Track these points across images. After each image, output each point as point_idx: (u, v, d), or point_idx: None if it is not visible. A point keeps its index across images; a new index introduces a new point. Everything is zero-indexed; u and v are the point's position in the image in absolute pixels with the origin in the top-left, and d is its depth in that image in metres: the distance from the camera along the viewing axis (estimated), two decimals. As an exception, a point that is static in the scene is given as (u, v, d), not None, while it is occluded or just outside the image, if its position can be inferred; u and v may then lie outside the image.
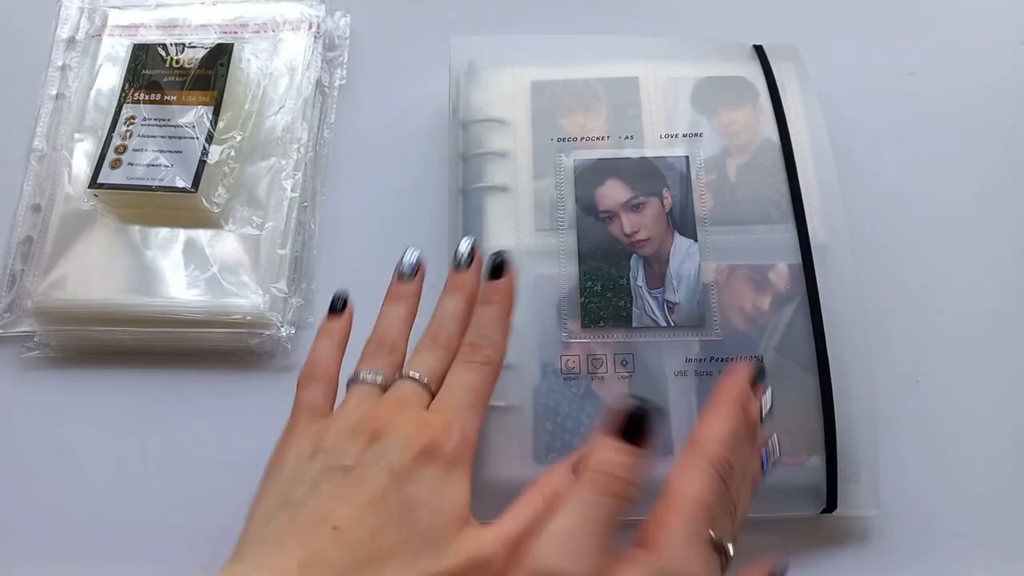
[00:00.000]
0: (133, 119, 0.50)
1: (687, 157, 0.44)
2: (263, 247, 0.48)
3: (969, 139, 0.51)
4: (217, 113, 0.49)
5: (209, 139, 0.49)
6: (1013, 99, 0.52)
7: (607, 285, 0.42)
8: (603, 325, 0.41)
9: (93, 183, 0.47)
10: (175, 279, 0.46)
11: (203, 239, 0.48)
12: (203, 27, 0.54)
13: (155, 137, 0.49)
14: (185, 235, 0.48)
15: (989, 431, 0.43)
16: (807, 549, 0.40)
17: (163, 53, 0.52)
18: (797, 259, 0.42)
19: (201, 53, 0.52)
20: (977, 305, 0.46)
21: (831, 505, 0.39)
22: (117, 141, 0.49)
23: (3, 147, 0.52)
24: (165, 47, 0.52)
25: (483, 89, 0.47)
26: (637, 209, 0.43)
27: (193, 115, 0.49)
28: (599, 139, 0.45)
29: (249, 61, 0.52)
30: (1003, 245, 0.48)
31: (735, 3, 0.57)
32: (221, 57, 0.51)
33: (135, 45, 0.53)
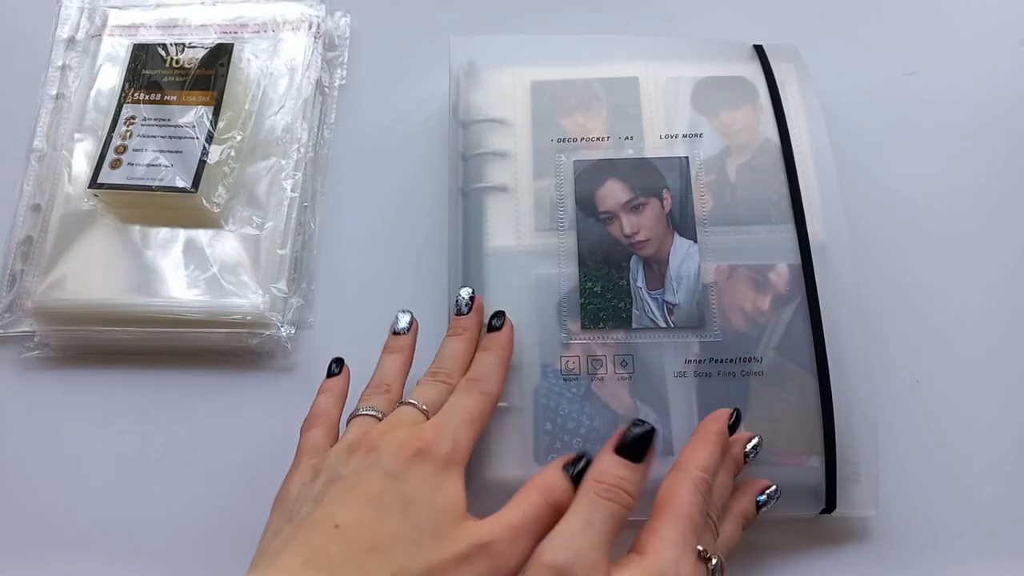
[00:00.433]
0: (133, 119, 0.50)
1: (687, 157, 0.44)
2: (263, 247, 0.48)
3: (969, 139, 0.51)
4: (217, 113, 0.49)
5: (209, 139, 0.49)
6: (1013, 100, 0.52)
7: (607, 286, 0.42)
8: (603, 326, 0.41)
9: (93, 183, 0.47)
10: (175, 279, 0.46)
11: (203, 239, 0.48)
12: (203, 27, 0.54)
13: (155, 137, 0.49)
14: (185, 235, 0.48)
15: (989, 431, 0.43)
16: (807, 549, 0.40)
17: (163, 53, 0.52)
18: (797, 259, 0.42)
19: (201, 53, 0.52)
20: (977, 305, 0.46)
21: (831, 505, 0.39)
22: (117, 141, 0.49)
23: (3, 147, 0.52)
24: (165, 47, 0.52)
25: (483, 89, 0.47)
26: (637, 210, 0.43)
27: (193, 115, 0.49)
28: (599, 139, 0.45)
29: (249, 61, 0.52)
30: (1003, 245, 0.48)
31: (735, 3, 0.57)
32: (221, 57, 0.51)
33: (135, 45, 0.53)
